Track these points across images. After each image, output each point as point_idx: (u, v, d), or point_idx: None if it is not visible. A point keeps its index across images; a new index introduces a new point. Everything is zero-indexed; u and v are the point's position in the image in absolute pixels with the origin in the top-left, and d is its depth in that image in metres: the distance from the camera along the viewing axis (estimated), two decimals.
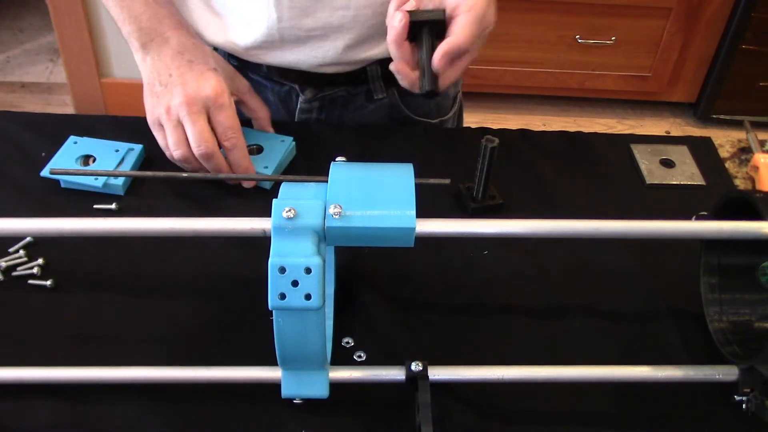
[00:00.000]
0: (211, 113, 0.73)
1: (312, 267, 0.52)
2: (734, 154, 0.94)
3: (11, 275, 0.70)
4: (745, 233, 0.59)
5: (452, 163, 0.85)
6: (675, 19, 2.26)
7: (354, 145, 0.87)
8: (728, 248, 0.68)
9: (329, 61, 0.87)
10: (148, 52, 0.76)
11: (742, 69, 2.32)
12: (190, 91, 0.72)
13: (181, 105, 0.72)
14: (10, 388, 0.61)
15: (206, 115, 0.73)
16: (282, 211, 0.53)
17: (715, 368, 0.62)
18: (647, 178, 0.85)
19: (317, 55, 0.86)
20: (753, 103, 2.40)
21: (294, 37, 0.84)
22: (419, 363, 0.60)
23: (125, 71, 2.27)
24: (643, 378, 0.62)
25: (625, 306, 0.71)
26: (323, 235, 0.54)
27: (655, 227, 0.59)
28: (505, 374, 0.61)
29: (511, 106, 2.41)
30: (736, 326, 0.66)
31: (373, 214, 0.54)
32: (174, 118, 0.73)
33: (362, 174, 0.58)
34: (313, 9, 0.81)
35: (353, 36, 0.84)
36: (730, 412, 0.62)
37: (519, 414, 0.62)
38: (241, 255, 0.73)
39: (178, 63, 0.75)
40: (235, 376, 0.61)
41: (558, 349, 0.67)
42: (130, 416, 0.60)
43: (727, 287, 0.68)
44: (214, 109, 0.73)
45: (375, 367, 0.62)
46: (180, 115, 0.73)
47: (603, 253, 0.75)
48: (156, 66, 0.75)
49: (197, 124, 0.72)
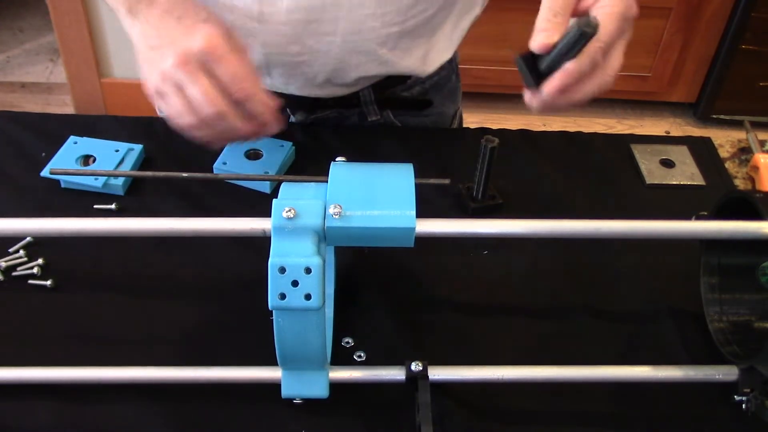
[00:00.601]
0: (211, 68, 0.64)
1: (312, 267, 0.52)
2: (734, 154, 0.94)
3: (11, 275, 0.70)
4: (745, 233, 0.59)
5: (452, 163, 0.85)
6: (675, 19, 2.26)
7: (353, 145, 0.87)
8: (728, 248, 0.68)
9: (318, 85, 0.85)
10: (136, 17, 0.69)
11: (742, 69, 2.32)
12: (180, 49, 0.64)
13: (174, 67, 0.64)
14: (10, 388, 0.61)
15: (205, 71, 0.64)
16: (282, 211, 0.53)
17: (715, 368, 0.62)
18: (647, 178, 0.85)
19: (305, 79, 0.84)
20: (753, 103, 2.40)
21: (281, 62, 0.82)
22: (419, 363, 0.60)
23: (125, 71, 2.27)
24: (643, 378, 0.62)
25: (625, 306, 0.71)
26: (323, 235, 0.54)
27: (655, 227, 0.59)
28: (505, 374, 0.61)
29: (511, 106, 2.41)
30: (736, 326, 0.66)
31: (373, 214, 0.54)
32: (171, 84, 0.65)
33: (362, 174, 0.58)
34: (300, 36, 0.79)
35: (341, 61, 0.82)
36: (730, 412, 0.62)
37: (519, 414, 0.62)
38: (241, 255, 0.73)
39: (166, 22, 0.67)
40: (235, 376, 0.61)
41: (558, 349, 0.67)
42: (130, 416, 0.60)
43: (727, 287, 0.68)
44: (212, 63, 0.64)
45: (375, 367, 0.62)
46: (176, 78, 0.64)
47: (603, 253, 0.75)
48: (144, 30, 0.68)
49: (197, 84, 0.64)
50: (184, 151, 0.81)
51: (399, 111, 0.93)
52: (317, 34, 0.79)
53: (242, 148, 0.82)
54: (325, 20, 0.77)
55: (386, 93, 0.90)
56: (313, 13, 0.77)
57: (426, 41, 0.85)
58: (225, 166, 0.80)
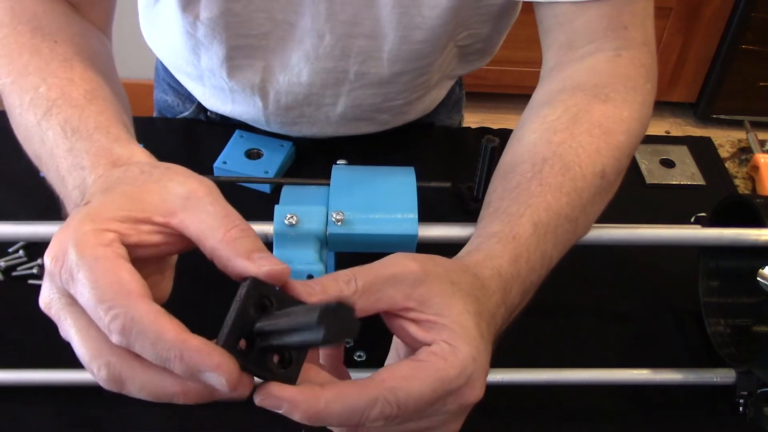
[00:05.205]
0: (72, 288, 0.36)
1: (314, 274, 0.52)
2: (734, 154, 0.94)
3: (11, 275, 0.70)
4: (745, 241, 0.59)
5: (452, 163, 0.85)
6: (675, 19, 2.26)
7: (354, 146, 0.86)
8: (727, 252, 0.68)
9: (319, 138, 0.84)
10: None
11: (742, 69, 2.32)
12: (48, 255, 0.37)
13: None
14: (10, 389, 0.61)
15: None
16: (284, 217, 0.53)
17: (713, 371, 0.62)
18: (647, 178, 0.85)
19: (306, 134, 0.83)
20: (753, 103, 2.40)
21: (280, 121, 0.81)
22: None
23: (125, 71, 2.26)
24: (642, 381, 0.63)
25: (625, 306, 0.71)
26: (325, 240, 0.54)
27: (655, 234, 0.59)
28: (504, 377, 0.61)
29: (511, 106, 2.41)
30: (734, 329, 0.66)
31: (376, 222, 0.54)
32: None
33: (364, 178, 0.57)
34: (299, 104, 0.78)
35: (341, 125, 0.82)
36: (729, 413, 0.62)
37: (519, 414, 0.62)
38: None
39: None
40: None
41: (557, 349, 0.67)
42: (130, 416, 0.60)
43: (726, 290, 0.68)
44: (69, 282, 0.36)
45: (375, 368, 0.61)
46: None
47: (603, 254, 0.75)
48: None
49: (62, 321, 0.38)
50: (184, 151, 0.81)
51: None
52: (317, 104, 0.78)
53: (242, 148, 0.82)
54: (326, 95, 0.77)
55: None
56: (314, 88, 0.76)
57: (427, 94, 0.84)
58: (225, 165, 0.80)
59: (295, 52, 0.72)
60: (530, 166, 0.54)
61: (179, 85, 0.89)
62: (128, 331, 0.34)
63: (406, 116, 0.85)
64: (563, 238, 0.52)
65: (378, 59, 0.72)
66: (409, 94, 0.79)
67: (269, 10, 0.68)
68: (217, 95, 0.82)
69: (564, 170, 0.53)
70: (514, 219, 0.50)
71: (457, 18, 0.70)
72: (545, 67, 0.65)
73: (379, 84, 0.76)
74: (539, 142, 0.56)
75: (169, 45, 0.80)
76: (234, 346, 0.35)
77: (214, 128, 0.88)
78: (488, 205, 0.54)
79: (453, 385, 0.38)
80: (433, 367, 0.38)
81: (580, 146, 0.55)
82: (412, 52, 0.71)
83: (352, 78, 0.74)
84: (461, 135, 0.94)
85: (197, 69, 0.78)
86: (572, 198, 0.52)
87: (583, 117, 0.57)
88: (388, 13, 0.67)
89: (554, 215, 0.51)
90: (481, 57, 0.83)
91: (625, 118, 0.58)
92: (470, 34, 0.76)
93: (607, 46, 0.61)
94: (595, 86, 0.59)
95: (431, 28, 0.68)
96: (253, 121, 0.83)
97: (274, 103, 0.78)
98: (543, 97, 0.61)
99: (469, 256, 0.47)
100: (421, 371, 0.38)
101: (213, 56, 0.74)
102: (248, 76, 0.76)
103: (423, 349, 0.39)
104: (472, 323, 0.40)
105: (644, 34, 0.62)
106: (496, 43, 0.83)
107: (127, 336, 0.34)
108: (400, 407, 0.37)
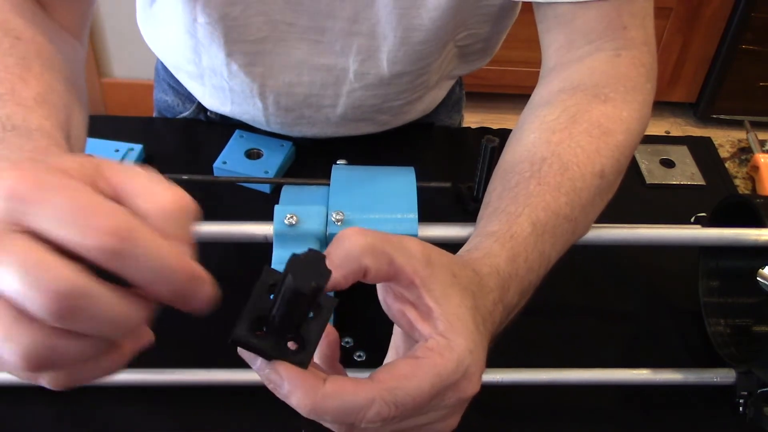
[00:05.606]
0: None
1: None
2: (734, 154, 0.94)
3: None
4: (745, 241, 0.59)
5: (452, 163, 0.85)
6: (675, 19, 2.26)
7: (354, 146, 0.87)
8: (727, 252, 0.68)
9: (319, 138, 0.84)
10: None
11: (742, 69, 2.32)
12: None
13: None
14: (10, 389, 0.61)
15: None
16: (284, 217, 0.53)
17: (713, 371, 0.62)
18: (647, 178, 0.85)
19: (306, 134, 0.83)
20: (753, 103, 2.40)
21: (280, 122, 0.81)
22: None
23: (125, 71, 2.27)
24: (641, 381, 0.63)
25: (625, 306, 0.71)
26: (325, 240, 0.54)
27: (655, 234, 0.59)
28: (504, 377, 0.61)
29: (511, 106, 2.41)
30: (734, 329, 0.66)
31: (376, 222, 0.54)
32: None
33: (364, 178, 0.57)
34: (299, 105, 0.78)
35: (340, 125, 0.82)
36: (729, 413, 0.62)
37: (519, 414, 0.62)
38: (242, 257, 0.72)
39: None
40: (235, 378, 0.60)
41: (557, 349, 0.67)
42: (130, 417, 0.60)
43: (726, 290, 0.68)
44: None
45: (375, 368, 0.61)
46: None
47: (603, 254, 0.75)
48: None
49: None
50: (184, 151, 0.81)
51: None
52: (317, 105, 0.78)
53: (242, 148, 0.82)
54: (326, 96, 0.77)
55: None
56: (313, 89, 0.76)
57: (427, 94, 0.84)
58: (225, 165, 0.80)
59: (294, 52, 0.72)
60: (529, 165, 0.54)
61: (179, 85, 0.89)
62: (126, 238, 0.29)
63: (406, 116, 0.85)
64: (562, 237, 0.52)
65: (377, 59, 0.72)
66: (409, 94, 0.79)
67: (267, 13, 0.68)
68: (216, 95, 0.82)
69: (562, 170, 0.53)
70: (512, 218, 0.50)
71: (457, 18, 0.70)
72: (545, 67, 0.65)
73: (379, 85, 0.76)
74: (538, 142, 0.56)
75: (169, 44, 0.80)
76: (251, 330, 0.37)
77: (214, 128, 0.88)
78: (487, 204, 0.54)
79: (451, 379, 0.38)
80: (430, 363, 0.38)
81: (578, 146, 0.55)
82: (412, 53, 0.71)
83: (352, 78, 0.74)
84: (461, 135, 0.94)
85: (198, 68, 0.78)
86: (571, 198, 0.52)
87: (582, 117, 0.57)
88: (387, 14, 0.67)
89: (553, 215, 0.51)
90: (481, 57, 0.84)
91: (624, 118, 0.58)
92: (470, 34, 0.76)
93: (607, 46, 0.61)
94: (594, 86, 0.59)
95: (431, 29, 0.68)
96: (253, 121, 0.84)
97: (274, 104, 0.78)
98: (542, 97, 0.61)
99: (468, 255, 0.47)
100: (419, 369, 0.38)
101: (213, 57, 0.74)
102: (247, 78, 0.76)
103: (419, 345, 0.39)
104: (469, 316, 0.40)
105: (644, 33, 0.62)
106: (495, 43, 0.83)
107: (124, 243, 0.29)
108: (398, 407, 0.37)
